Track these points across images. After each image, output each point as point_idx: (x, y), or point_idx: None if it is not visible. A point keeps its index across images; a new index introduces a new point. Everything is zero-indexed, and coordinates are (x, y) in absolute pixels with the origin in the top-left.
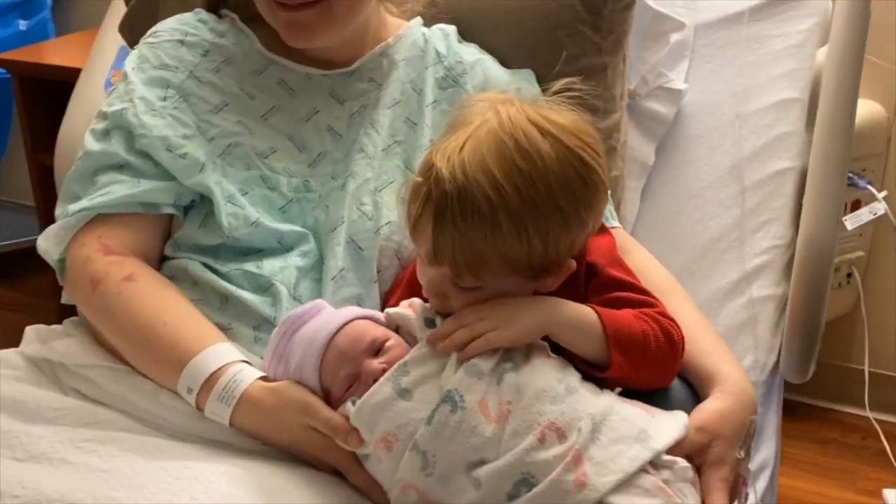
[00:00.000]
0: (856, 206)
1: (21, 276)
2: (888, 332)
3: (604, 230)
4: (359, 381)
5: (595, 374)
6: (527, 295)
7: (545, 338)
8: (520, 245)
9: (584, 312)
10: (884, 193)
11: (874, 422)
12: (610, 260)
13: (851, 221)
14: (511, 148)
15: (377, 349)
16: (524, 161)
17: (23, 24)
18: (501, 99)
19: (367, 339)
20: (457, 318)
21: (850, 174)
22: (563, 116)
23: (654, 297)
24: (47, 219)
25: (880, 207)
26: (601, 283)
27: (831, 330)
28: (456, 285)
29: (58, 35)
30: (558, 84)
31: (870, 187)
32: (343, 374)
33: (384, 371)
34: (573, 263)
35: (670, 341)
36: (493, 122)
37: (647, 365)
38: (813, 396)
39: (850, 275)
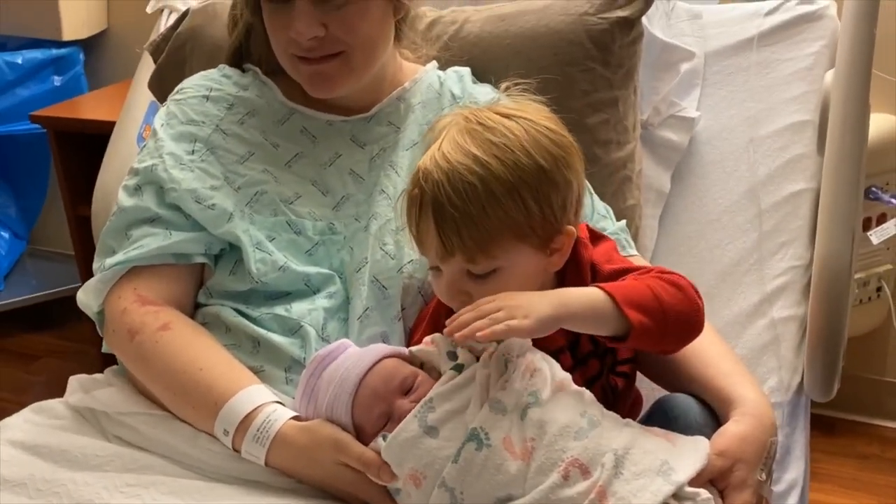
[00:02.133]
0: (881, 219)
1: (64, 323)
2: None
3: (603, 239)
4: (391, 420)
5: (624, 345)
6: (541, 274)
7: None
8: (517, 207)
9: (590, 292)
10: None
11: None
12: (608, 259)
13: (877, 235)
14: (482, 131)
15: (408, 388)
16: (497, 136)
17: (57, 80)
18: (463, 109)
19: (398, 378)
20: (473, 308)
21: (874, 188)
22: (521, 105)
23: (654, 267)
24: (86, 267)
25: None
26: (604, 278)
27: (865, 344)
28: (473, 277)
29: (91, 88)
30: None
31: (894, 201)
32: (376, 412)
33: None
34: (573, 230)
35: (678, 287)
36: (460, 120)
37: (669, 316)
38: (850, 411)
39: (879, 289)
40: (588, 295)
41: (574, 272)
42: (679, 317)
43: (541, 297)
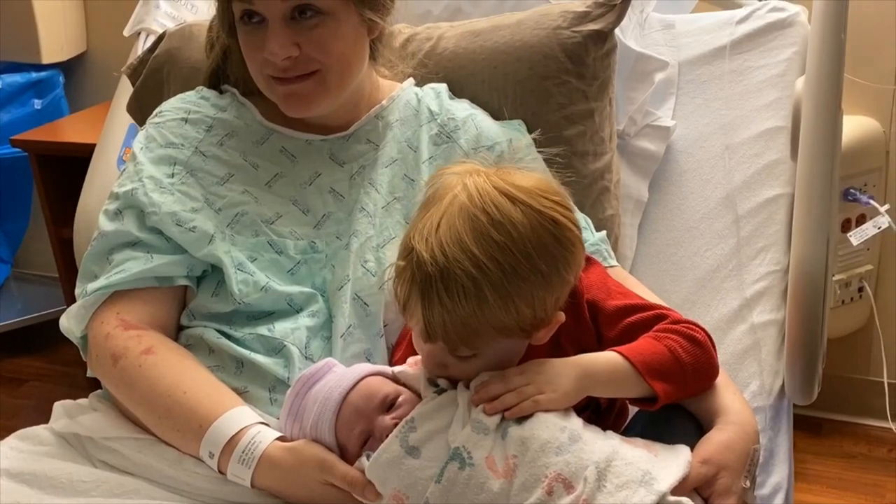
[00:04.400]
0: (860, 220)
1: (51, 346)
2: None
3: (592, 263)
4: (373, 438)
5: (649, 408)
6: (523, 350)
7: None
8: (507, 313)
9: (611, 360)
10: (886, 206)
11: None
12: (606, 291)
13: (856, 237)
14: (484, 222)
15: (389, 405)
16: (499, 233)
17: (38, 104)
18: (468, 170)
19: (379, 396)
20: (504, 382)
21: (852, 189)
22: (527, 179)
23: (661, 306)
24: (71, 290)
25: (884, 221)
26: (608, 318)
27: (849, 344)
28: (453, 355)
29: (72, 111)
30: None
31: (872, 202)
32: (357, 430)
33: (396, 426)
34: (562, 316)
35: (697, 343)
36: (463, 196)
37: (689, 376)
38: (837, 412)
39: (861, 289)
40: (610, 363)
41: (572, 312)
42: (698, 373)
43: (568, 369)
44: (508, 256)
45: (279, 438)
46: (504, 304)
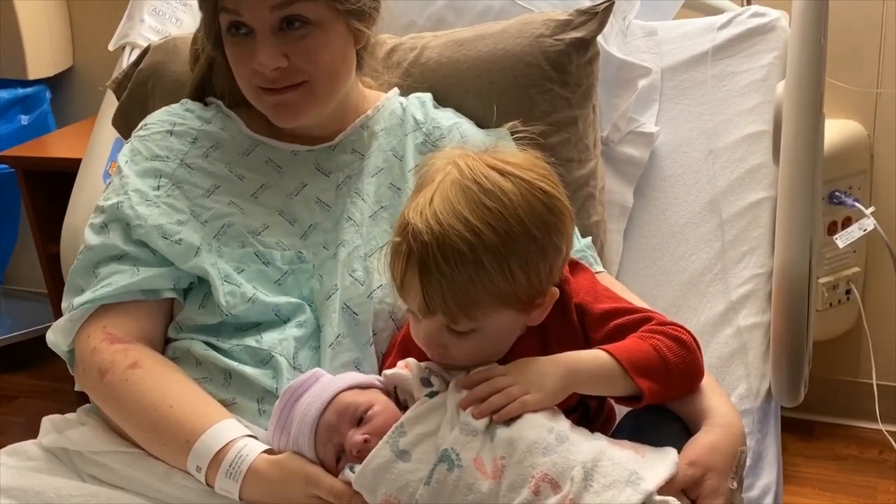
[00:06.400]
0: (847, 223)
1: (41, 362)
2: (891, 344)
3: (580, 268)
4: (344, 453)
5: (634, 406)
6: (520, 328)
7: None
8: (504, 278)
9: (597, 357)
10: (871, 209)
11: (887, 434)
12: (594, 295)
13: (843, 239)
14: (476, 191)
15: (358, 419)
16: (491, 200)
17: (24, 119)
18: (457, 153)
19: (350, 411)
20: (489, 384)
21: (837, 192)
22: (515, 156)
23: (647, 309)
24: (60, 305)
25: (869, 223)
26: (595, 320)
27: (838, 346)
28: (452, 333)
29: (59, 126)
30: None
31: (857, 204)
32: (330, 446)
33: (365, 441)
34: (556, 291)
35: (682, 344)
36: (455, 173)
37: (674, 375)
38: (827, 414)
39: (849, 291)
40: (596, 360)
41: (560, 314)
42: (683, 374)
43: (553, 367)
44: (502, 221)
45: (266, 451)
46: (500, 269)
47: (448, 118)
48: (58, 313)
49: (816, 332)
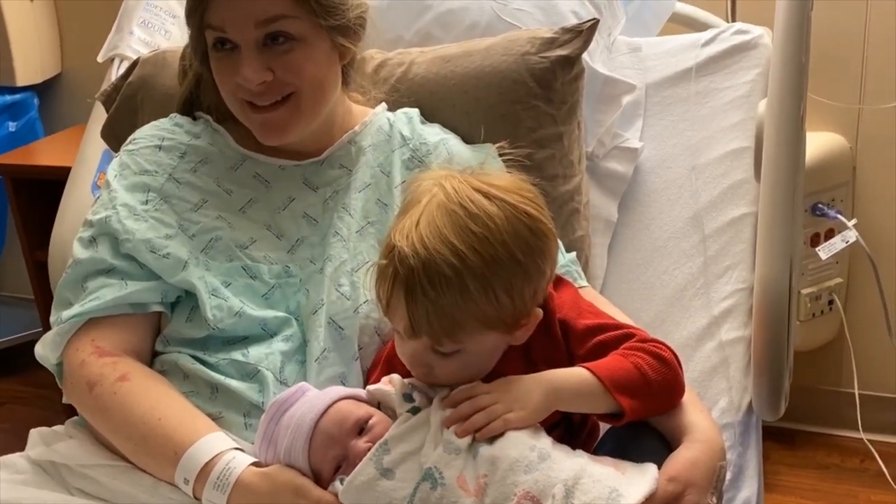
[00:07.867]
0: (829, 235)
1: (27, 369)
2: (873, 354)
3: (563, 284)
4: (347, 462)
5: (615, 423)
6: (504, 348)
7: None
8: (489, 302)
9: (579, 375)
10: (853, 221)
11: (868, 443)
12: (577, 311)
13: (825, 251)
14: (462, 216)
15: (361, 428)
16: (477, 225)
17: (12, 126)
18: (443, 175)
19: (351, 420)
20: (472, 403)
21: (820, 205)
22: (501, 179)
23: (630, 326)
24: (47, 312)
25: (851, 235)
26: (578, 337)
27: (821, 356)
28: (437, 353)
29: (46, 133)
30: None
31: (840, 216)
32: (331, 455)
33: (370, 449)
34: (540, 312)
35: (663, 361)
36: (441, 195)
37: (655, 392)
38: (810, 423)
39: (831, 301)
40: (578, 378)
41: (543, 330)
42: (663, 391)
43: (535, 386)
44: (487, 246)
45: (254, 464)
46: (485, 293)
47: (435, 134)
48: (45, 320)
49: (799, 342)
